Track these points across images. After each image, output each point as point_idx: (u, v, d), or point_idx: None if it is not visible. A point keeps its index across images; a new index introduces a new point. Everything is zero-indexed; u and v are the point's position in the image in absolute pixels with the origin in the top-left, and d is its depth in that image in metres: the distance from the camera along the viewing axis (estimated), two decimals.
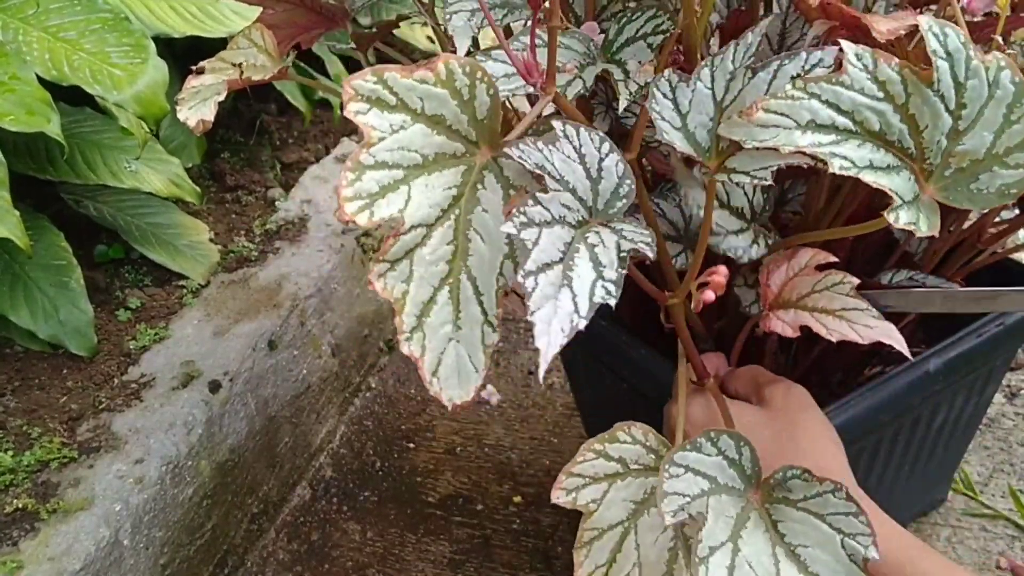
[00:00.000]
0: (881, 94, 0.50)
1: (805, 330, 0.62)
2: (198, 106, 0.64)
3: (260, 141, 1.44)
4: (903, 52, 0.58)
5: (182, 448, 0.94)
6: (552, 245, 0.44)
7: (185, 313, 1.11)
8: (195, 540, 0.97)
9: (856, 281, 0.62)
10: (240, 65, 0.66)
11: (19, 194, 0.99)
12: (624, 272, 0.45)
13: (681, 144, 0.54)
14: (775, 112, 0.49)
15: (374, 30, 0.81)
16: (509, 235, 0.45)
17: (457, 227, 0.47)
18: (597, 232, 0.46)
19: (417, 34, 1.61)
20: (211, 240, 1.22)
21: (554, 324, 0.42)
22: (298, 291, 1.15)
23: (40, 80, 0.99)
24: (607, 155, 0.49)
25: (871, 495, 0.59)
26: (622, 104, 0.58)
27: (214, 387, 1.01)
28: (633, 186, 0.50)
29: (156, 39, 1.09)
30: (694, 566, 0.49)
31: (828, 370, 0.85)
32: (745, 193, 0.69)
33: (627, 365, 0.84)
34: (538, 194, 0.46)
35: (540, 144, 0.47)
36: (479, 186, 0.48)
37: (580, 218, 0.47)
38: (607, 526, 0.55)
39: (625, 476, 0.56)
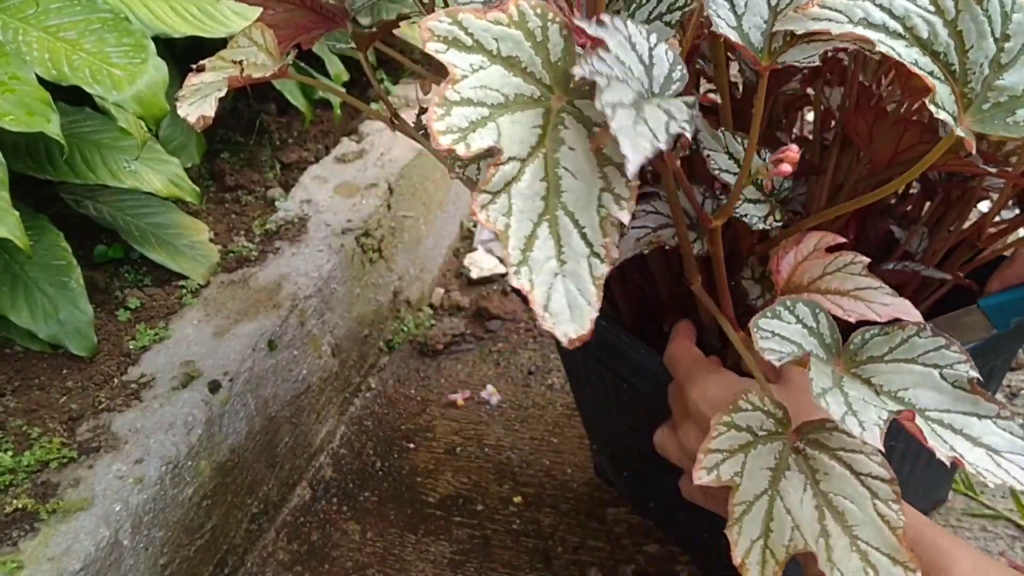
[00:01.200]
0: (932, 8, 0.51)
1: None
2: (199, 103, 0.64)
3: (260, 141, 1.44)
4: None
5: (182, 448, 0.94)
6: (621, 93, 0.44)
7: (185, 313, 1.11)
8: (195, 540, 0.97)
9: (867, 260, 0.63)
10: (241, 63, 0.66)
11: (19, 194, 0.99)
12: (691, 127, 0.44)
13: (735, 38, 0.54)
14: (830, 8, 0.51)
15: (374, 30, 0.81)
16: (601, 168, 0.45)
17: (546, 165, 0.47)
18: (657, 105, 0.46)
19: (417, 34, 1.60)
20: (211, 240, 1.22)
21: (639, 129, 0.41)
22: (298, 291, 1.15)
23: (40, 80, 0.99)
24: (656, 44, 0.50)
25: None
26: None
27: (214, 387, 1.00)
28: (685, 72, 0.50)
29: (156, 39, 1.09)
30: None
31: None
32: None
33: (627, 365, 0.84)
34: (601, 51, 0.46)
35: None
36: (560, 127, 0.48)
37: (639, 90, 0.47)
38: (752, 497, 0.55)
39: (756, 444, 0.56)
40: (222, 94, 0.63)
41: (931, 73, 0.51)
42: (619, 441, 1.01)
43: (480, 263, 1.52)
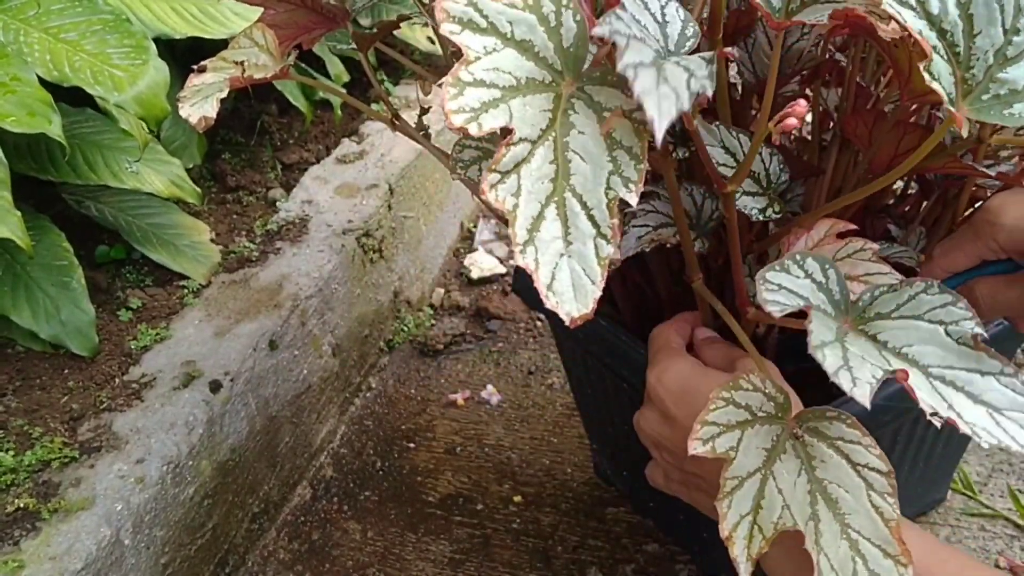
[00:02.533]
0: None
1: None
2: (200, 103, 0.64)
3: (261, 142, 1.44)
4: (907, 51, 0.59)
5: (183, 448, 0.95)
6: (640, 53, 0.44)
7: (186, 313, 1.12)
8: (196, 540, 0.98)
9: (876, 247, 0.63)
10: (242, 64, 0.66)
11: (20, 195, 0.99)
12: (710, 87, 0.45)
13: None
14: None
15: (375, 30, 0.81)
16: (611, 152, 0.46)
17: (556, 148, 0.48)
18: (676, 63, 0.47)
19: (417, 34, 1.61)
20: (212, 240, 1.22)
21: (662, 91, 0.42)
22: (299, 291, 1.15)
23: (41, 81, 0.99)
24: (667, 2, 0.50)
25: None
26: None
27: (215, 387, 1.01)
28: (697, 29, 0.50)
29: (157, 40, 1.09)
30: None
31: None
32: (763, 160, 0.69)
33: (627, 365, 0.84)
34: (619, 11, 0.46)
35: None
36: (571, 112, 0.48)
37: (657, 48, 0.48)
38: (746, 474, 0.55)
39: (754, 423, 0.56)
40: (224, 95, 0.64)
41: (934, 48, 0.50)
42: (619, 441, 1.02)
43: (480, 263, 1.52)
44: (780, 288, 0.53)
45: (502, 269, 1.52)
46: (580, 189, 0.47)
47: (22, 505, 0.86)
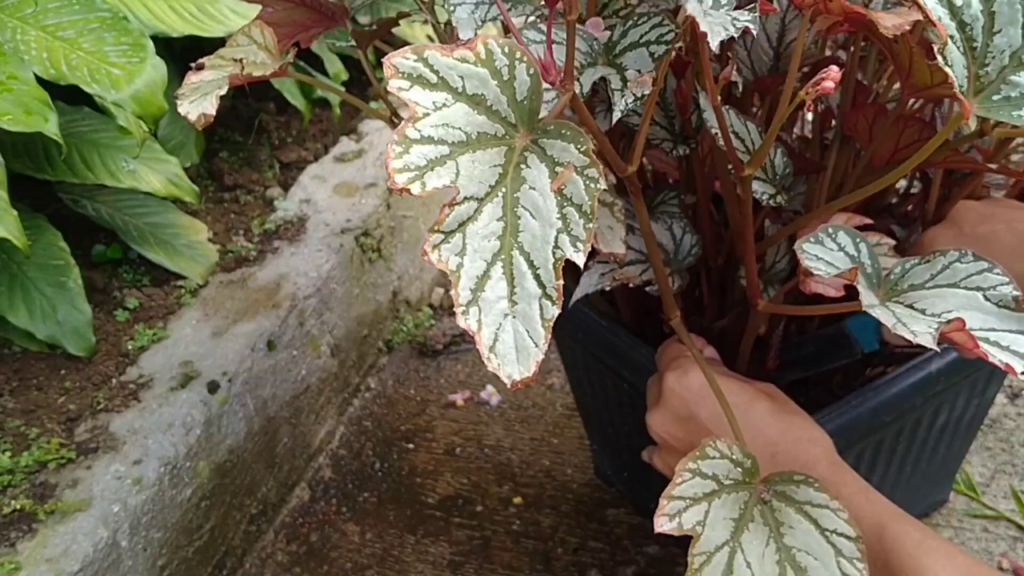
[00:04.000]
0: None
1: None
2: (199, 100, 0.63)
3: (259, 140, 1.44)
4: (907, 47, 0.58)
5: (180, 449, 0.94)
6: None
7: (183, 313, 1.11)
8: (193, 541, 0.97)
9: (892, 242, 0.64)
10: (241, 61, 0.66)
11: (17, 194, 0.99)
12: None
13: None
14: None
15: (374, 28, 0.81)
16: (560, 210, 0.46)
17: (506, 204, 0.47)
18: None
19: (417, 32, 1.60)
20: (209, 240, 1.21)
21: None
22: (297, 291, 1.15)
23: (38, 79, 0.98)
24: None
25: None
26: (616, 115, 0.58)
27: (212, 388, 1.00)
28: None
29: (154, 38, 1.09)
30: None
31: (829, 370, 0.85)
32: (769, 154, 0.69)
33: (627, 365, 0.83)
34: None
35: None
36: (523, 166, 0.48)
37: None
38: (714, 548, 0.54)
39: (720, 493, 0.56)
40: (223, 92, 0.63)
41: (951, 38, 0.50)
42: (619, 441, 1.01)
43: None
44: (818, 259, 0.54)
45: None
46: (528, 247, 0.46)
47: (18, 507, 0.86)
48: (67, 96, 1.09)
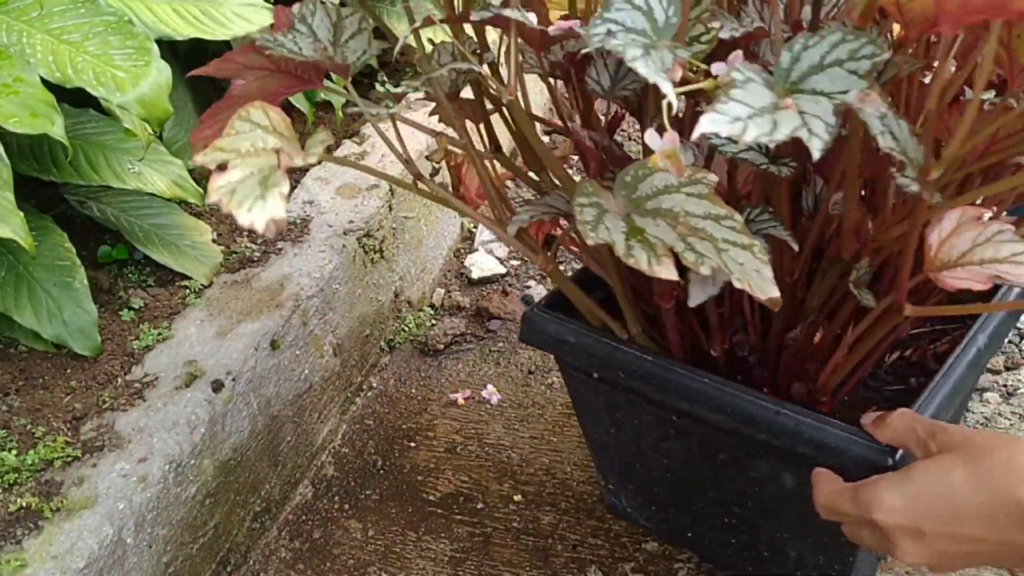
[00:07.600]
0: None
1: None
2: (255, 203, 0.56)
3: None
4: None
5: (185, 447, 0.95)
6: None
7: (188, 313, 1.12)
8: (198, 538, 0.98)
9: (1011, 227, 0.61)
10: (278, 152, 0.59)
11: (23, 195, 1.00)
12: None
13: None
14: None
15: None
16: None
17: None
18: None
19: (402, 25, 1.61)
20: (214, 241, 1.22)
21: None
22: (300, 291, 1.16)
23: (44, 82, 0.99)
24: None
25: None
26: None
27: (217, 387, 1.01)
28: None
29: (159, 42, 1.10)
30: None
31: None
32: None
33: (685, 397, 0.82)
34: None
35: None
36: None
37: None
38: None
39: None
40: (285, 189, 0.56)
41: None
42: (652, 476, 0.98)
43: (481, 264, 1.53)
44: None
45: (502, 269, 1.52)
46: None
47: (25, 504, 0.87)
48: (73, 99, 1.10)
